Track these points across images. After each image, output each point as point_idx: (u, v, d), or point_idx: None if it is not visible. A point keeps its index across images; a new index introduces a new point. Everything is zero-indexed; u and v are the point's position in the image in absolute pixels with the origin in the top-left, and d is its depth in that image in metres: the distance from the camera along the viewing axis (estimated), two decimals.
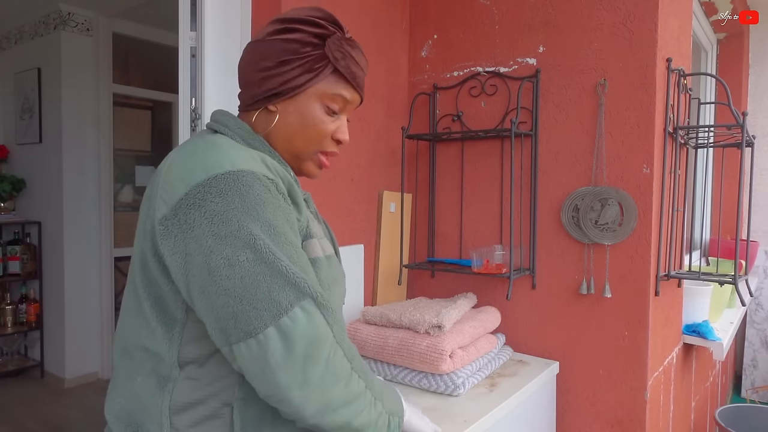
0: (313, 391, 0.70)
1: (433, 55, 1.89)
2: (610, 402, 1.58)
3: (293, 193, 0.79)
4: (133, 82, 3.96)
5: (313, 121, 0.84)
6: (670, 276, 1.62)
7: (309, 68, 0.82)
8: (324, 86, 0.84)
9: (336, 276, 0.85)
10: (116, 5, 3.44)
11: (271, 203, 0.72)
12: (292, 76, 0.82)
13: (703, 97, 2.78)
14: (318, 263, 0.81)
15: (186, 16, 1.39)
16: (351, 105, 0.89)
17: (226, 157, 0.72)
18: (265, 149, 0.83)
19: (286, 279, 0.70)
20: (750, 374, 3.36)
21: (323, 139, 0.86)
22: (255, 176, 0.72)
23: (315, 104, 0.84)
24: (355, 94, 0.88)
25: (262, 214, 0.70)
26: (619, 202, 1.54)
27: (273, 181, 0.74)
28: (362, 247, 1.78)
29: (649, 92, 1.50)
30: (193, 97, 1.40)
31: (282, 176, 0.78)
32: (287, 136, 0.85)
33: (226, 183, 0.70)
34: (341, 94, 0.85)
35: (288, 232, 0.74)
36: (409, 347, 1.39)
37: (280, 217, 0.73)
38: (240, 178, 0.70)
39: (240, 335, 0.68)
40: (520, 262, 1.69)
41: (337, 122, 0.87)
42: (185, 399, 0.75)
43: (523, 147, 1.70)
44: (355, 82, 0.86)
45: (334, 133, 0.87)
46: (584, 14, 1.59)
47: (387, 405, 0.82)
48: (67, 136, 3.46)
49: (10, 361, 3.74)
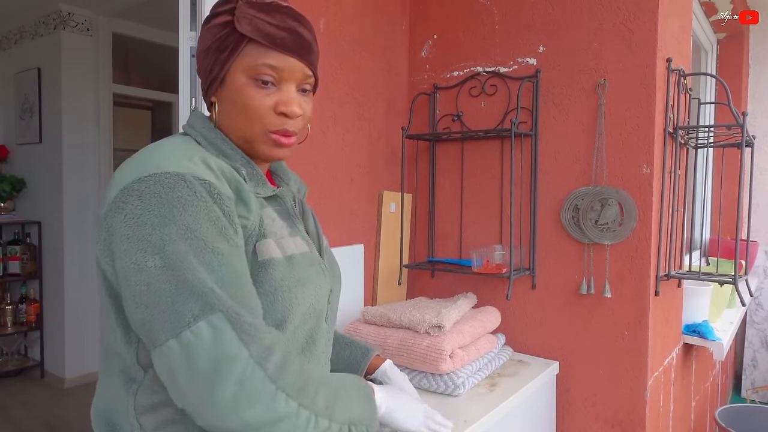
0: (225, 411, 0.65)
1: (433, 55, 1.89)
2: (610, 402, 1.58)
3: (241, 193, 0.75)
4: (133, 82, 3.96)
5: (244, 100, 0.78)
6: (670, 276, 1.62)
7: (222, 46, 0.77)
8: (245, 60, 0.77)
9: (302, 276, 0.80)
10: (116, 5, 3.44)
11: (194, 206, 0.68)
12: (212, 61, 0.79)
13: (703, 97, 2.78)
14: (272, 265, 0.76)
15: (186, 16, 1.39)
16: (289, 72, 0.79)
17: (156, 160, 0.70)
18: (225, 146, 0.80)
19: (193, 290, 0.65)
20: (750, 374, 3.36)
21: (263, 116, 0.79)
22: (180, 178, 0.68)
23: (241, 81, 0.78)
24: (284, 57, 0.78)
25: (179, 218, 0.67)
26: (619, 202, 1.54)
27: (206, 182, 0.70)
28: (362, 247, 1.78)
29: (649, 92, 1.50)
30: (193, 97, 1.40)
31: (228, 176, 0.74)
32: (231, 124, 0.81)
33: (147, 186, 0.67)
34: (265, 62, 0.77)
35: (212, 238, 0.68)
36: (409, 347, 1.39)
37: (204, 221, 0.68)
38: (162, 180, 0.68)
39: (149, 344, 0.67)
40: (520, 262, 1.69)
41: (275, 95, 0.79)
42: (147, 401, 0.74)
43: (523, 147, 1.70)
44: (277, 44, 0.77)
45: (275, 107, 0.79)
46: (584, 14, 1.59)
47: (342, 417, 0.75)
48: (67, 136, 3.46)
49: (10, 361, 3.74)
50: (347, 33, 1.69)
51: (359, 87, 1.74)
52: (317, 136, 1.59)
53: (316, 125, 1.59)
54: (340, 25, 1.65)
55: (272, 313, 0.76)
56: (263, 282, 0.75)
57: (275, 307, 0.76)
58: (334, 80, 1.64)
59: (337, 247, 1.67)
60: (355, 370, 1.06)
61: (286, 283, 0.77)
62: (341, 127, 1.68)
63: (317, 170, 1.60)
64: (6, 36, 3.88)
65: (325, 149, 1.63)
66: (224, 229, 0.70)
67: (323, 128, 1.62)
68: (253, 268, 0.75)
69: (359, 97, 1.74)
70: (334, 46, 1.63)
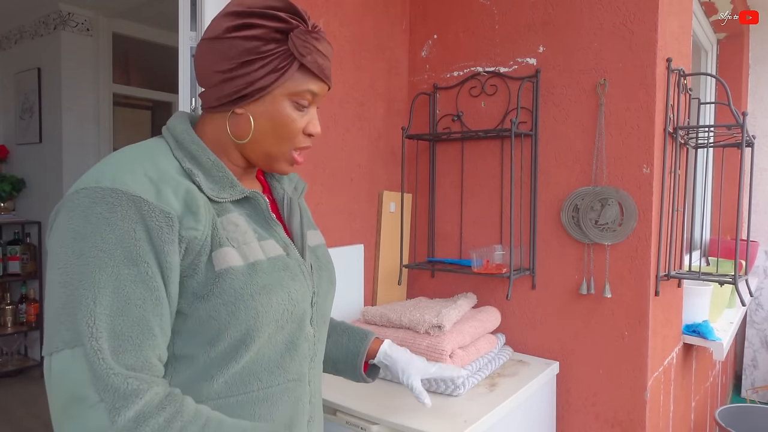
0: None
1: (433, 55, 1.89)
2: (610, 402, 1.58)
3: (190, 203, 0.72)
4: (133, 82, 3.96)
5: (283, 121, 0.79)
6: (670, 276, 1.62)
7: (274, 68, 0.77)
8: (291, 84, 0.78)
9: (268, 282, 0.76)
10: (116, 5, 3.44)
11: (109, 226, 0.66)
12: (256, 78, 0.76)
13: (703, 97, 2.78)
14: (230, 274, 0.73)
15: (186, 16, 1.39)
16: (319, 97, 0.84)
17: (99, 171, 0.70)
18: (195, 148, 0.78)
19: (73, 314, 0.64)
20: (750, 374, 3.36)
21: (295, 137, 0.82)
22: (107, 194, 0.67)
23: (284, 103, 0.79)
24: (323, 85, 0.83)
25: (91, 236, 0.65)
26: (619, 202, 1.54)
27: (137, 199, 0.67)
28: (362, 247, 1.78)
29: (649, 92, 1.50)
30: (193, 97, 1.40)
31: (174, 186, 0.72)
32: (258, 138, 0.80)
33: (78, 199, 0.68)
34: (310, 89, 0.80)
35: (116, 262, 0.66)
36: (409, 347, 1.39)
37: (113, 243, 0.66)
38: (91, 195, 0.67)
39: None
40: (520, 262, 1.69)
41: (306, 116, 0.82)
42: None
43: (523, 147, 1.70)
44: (323, 75, 0.81)
45: (305, 128, 0.82)
46: (584, 14, 1.59)
47: None
48: (67, 136, 3.46)
49: (10, 361, 3.74)
50: (347, 33, 1.69)
51: (359, 87, 1.74)
52: (317, 136, 1.59)
53: None
54: (340, 25, 1.65)
55: (236, 323, 0.73)
56: (222, 292, 0.72)
57: (238, 316, 0.73)
58: (334, 80, 1.64)
59: (337, 247, 1.67)
60: (355, 355, 1.05)
61: (248, 291, 0.74)
62: (341, 127, 1.68)
63: (317, 170, 1.60)
64: (6, 36, 3.88)
65: (325, 149, 1.63)
66: (137, 253, 0.67)
67: (323, 128, 1.62)
68: (209, 278, 0.72)
69: (359, 97, 1.74)
70: (334, 46, 1.62)
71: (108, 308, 0.65)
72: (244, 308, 0.73)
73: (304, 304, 0.82)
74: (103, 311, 0.64)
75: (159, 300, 0.69)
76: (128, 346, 0.65)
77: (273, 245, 0.81)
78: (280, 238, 0.83)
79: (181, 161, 0.77)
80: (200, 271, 0.72)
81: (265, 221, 0.83)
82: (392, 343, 1.09)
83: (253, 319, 0.74)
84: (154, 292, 0.68)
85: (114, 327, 0.65)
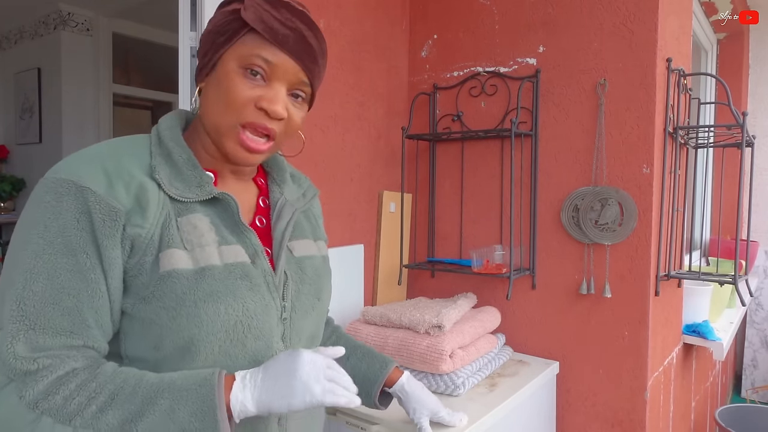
0: None
1: (433, 55, 1.89)
2: (610, 402, 1.58)
3: (140, 200, 0.69)
4: (133, 82, 3.96)
5: (228, 86, 0.73)
6: (670, 276, 1.62)
7: (222, 30, 0.74)
8: (240, 48, 0.73)
9: (217, 290, 0.71)
10: (116, 5, 3.44)
11: (53, 214, 0.66)
12: (208, 45, 0.75)
13: (703, 97, 2.78)
14: (174, 276, 0.69)
15: (186, 16, 1.39)
16: (282, 70, 0.74)
17: (64, 163, 0.71)
18: (175, 150, 0.75)
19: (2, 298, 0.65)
20: (750, 374, 3.36)
21: (241, 107, 0.73)
22: (57, 184, 0.67)
23: (231, 68, 0.73)
24: (281, 54, 0.74)
25: (36, 224, 0.66)
26: (619, 202, 1.54)
27: (86, 190, 0.66)
28: (362, 247, 1.78)
29: (649, 92, 1.50)
30: (193, 97, 1.40)
31: (127, 180, 0.69)
32: (207, 113, 0.76)
33: (38, 188, 0.70)
34: (260, 54, 0.73)
35: (54, 249, 0.65)
36: (409, 347, 1.39)
37: (55, 231, 0.65)
38: (46, 184, 0.68)
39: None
40: (520, 262, 1.69)
41: (261, 89, 0.74)
42: None
43: (523, 147, 1.70)
44: (277, 39, 0.73)
45: (257, 100, 0.74)
46: (584, 14, 1.59)
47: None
48: (67, 136, 3.47)
49: None
50: (347, 33, 1.69)
51: (359, 87, 1.74)
52: (317, 136, 1.59)
53: (316, 125, 1.59)
54: (340, 25, 1.65)
55: (177, 329, 0.69)
56: (163, 295, 0.69)
57: (179, 322, 0.69)
58: (334, 80, 1.64)
59: (337, 247, 1.67)
60: (372, 383, 1.01)
61: (191, 297, 0.69)
62: (341, 127, 1.68)
63: (317, 170, 1.60)
64: (6, 36, 3.88)
65: (325, 149, 1.63)
66: (77, 243, 0.66)
67: (323, 128, 1.62)
68: (152, 280, 0.69)
69: (359, 97, 1.74)
70: (334, 46, 1.63)
71: (39, 295, 0.64)
72: (186, 315, 0.69)
73: (265, 318, 0.76)
74: (32, 297, 0.64)
75: (95, 292, 0.67)
76: (54, 332, 0.64)
77: (237, 251, 0.76)
78: (249, 245, 0.78)
79: (153, 157, 0.74)
80: (145, 271, 0.69)
81: (234, 225, 0.77)
82: (411, 377, 1.07)
83: (196, 327, 0.69)
84: (91, 284, 0.66)
85: (41, 313, 0.64)
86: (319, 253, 0.92)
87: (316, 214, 0.97)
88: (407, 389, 1.05)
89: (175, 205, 0.73)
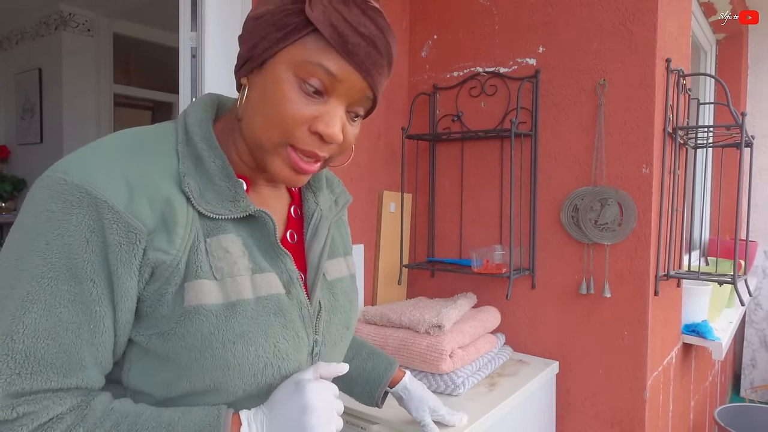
0: None
1: (433, 55, 1.90)
2: (610, 402, 1.59)
3: (167, 219, 0.59)
4: (133, 82, 3.97)
5: (278, 99, 0.60)
6: (670, 276, 1.62)
7: (278, 23, 0.60)
8: (299, 51, 0.60)
9: (249, 330, 0.62)
10: (117, 5, 3.45)
11: (59, 230, 0.54)
12: (259, 36, 0.61)
13: (703, 97, 2.78)
14: (200, 313, 0.59)
15: (186, 16, 1.40)
16: (347, 86, 0.62)
17: (73, 160, 0.59)
18: (204, 145, 0.64)
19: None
20: (749, 374, 3.37)
21: (292, 127, 0.61)
22: (68, 191, 0.55)
23: (284, 72, 0.60)
24: (347, 67, 0.60)
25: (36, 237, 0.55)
26: (618, 202, 1.55)
27: (103, 204, 0.55)
28: (362, 247, 1.78)
29: (648, 92, 1.50)
30: (193, 97, 1.40)
31: (153, 195, 0.58)
32: (248, 114, 0.63)
33: (39, 189, 0.57)
34: (322, 64, 0.59)
35: (55, 274, 0.54)
36: (409, 347, 1.40)
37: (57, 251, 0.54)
38: (53, 187, 0.56)
39: None
40: (519, 262, 1.69)
41: (318, 106, 0.62)
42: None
43: (523, 147, 1.70)
44: (346, 49, 0.59)
45: (311, 122, 0.61)
46: (584, 14, 1.59)
47: None
48: (68, 136, 3.47)
49: None
50: None
51: None
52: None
53: None
54: None
55: (200, 372, 0.60)
56: (186, 334, 0.59)
57: (203, 365, 0.60)
58: None
59: None
60: (376, 384, 1.02)
61: (218, 338, 0.60)
62: None
63: None
64: (7, 36, 3.89)
65: None
66: (84, 269, 0.55)
67: None
68: (174, 314, 0.59)
69: None
70: None
71: (32, 328, 0.54)
72: (211, 357, 0.60)
73: (296, 357, 0.67)
74: (23, 330, 0.53)
75: (98, 328, 0.57)
76: (44, 375, 0.55)
77: (271, 280, 0.66)
78: (284, 271, 0.67)
79: (181, 160, 0.62)
80: (166, 302, 0.59)
81: (269, 247, 0.67)
82: (412, 378, 1.08)
83: (220, 370, 0.60)
84: (95, 318, 0.56)
85: (32, 351, 0.54)
86: (349, 272, 0.82)
87: (346, 223, 0.88)
88: (409, 388, 1.06)
89: (204, 223, 0.62)
